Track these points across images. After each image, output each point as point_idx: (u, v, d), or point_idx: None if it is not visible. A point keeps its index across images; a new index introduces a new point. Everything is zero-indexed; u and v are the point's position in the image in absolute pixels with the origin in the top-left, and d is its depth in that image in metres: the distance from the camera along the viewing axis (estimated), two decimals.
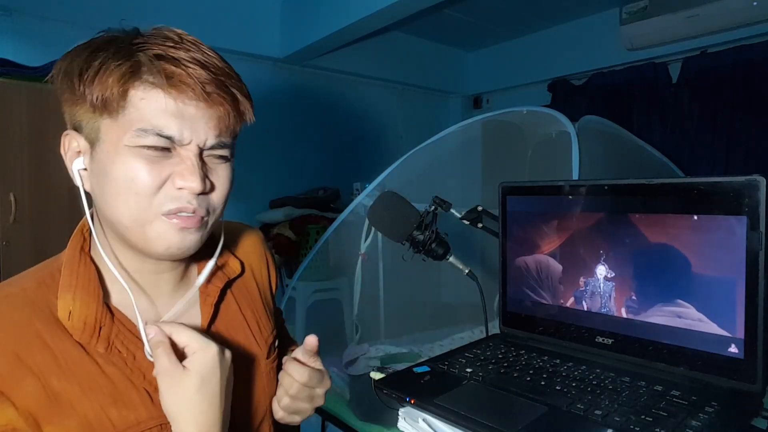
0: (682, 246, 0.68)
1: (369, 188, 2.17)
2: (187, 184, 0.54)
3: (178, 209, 0.55)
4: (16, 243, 2.02)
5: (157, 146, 0.53)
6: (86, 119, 0.55)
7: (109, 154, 0.54)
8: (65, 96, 0.55)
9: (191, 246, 0.58)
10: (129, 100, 0.52)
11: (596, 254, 0.78)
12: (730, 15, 2.81)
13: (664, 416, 0.58)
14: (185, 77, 0.53)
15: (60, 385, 0.53)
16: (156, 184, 0.54)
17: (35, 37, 2.44)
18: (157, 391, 0.56)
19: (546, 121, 1.85)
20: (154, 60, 0.52)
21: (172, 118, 0.53)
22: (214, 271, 0.67)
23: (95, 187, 0.56)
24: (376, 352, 1.67)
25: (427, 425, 0.66)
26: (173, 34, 0.55)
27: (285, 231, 2.96)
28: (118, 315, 0.59)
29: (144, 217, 0.54)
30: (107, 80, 0.51)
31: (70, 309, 0.55)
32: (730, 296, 0.64)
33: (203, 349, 0.54)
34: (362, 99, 3.93)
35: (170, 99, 0.53)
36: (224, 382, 0.55)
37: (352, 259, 2.09)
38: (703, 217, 0.66)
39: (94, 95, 0.52)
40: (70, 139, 0.57)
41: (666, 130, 3.26)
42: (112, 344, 0.57)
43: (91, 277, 0.58)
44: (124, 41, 0.54)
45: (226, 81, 0.56)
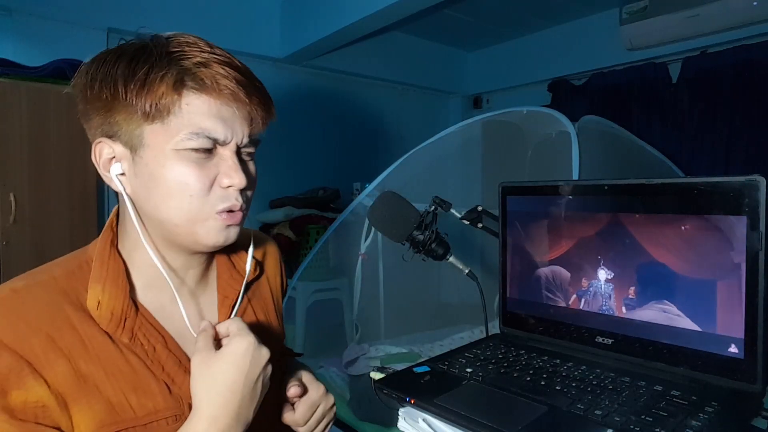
0: (682, 246, 0.68)
1: (369, 188, 2.17)
2: (233, 182, 0.59)
3: (229, 207, 0.60)
4: (16, 243, 2.02)
5: (204, 148, 0.57)
6: (126, 126, 0.56)
7: (157, 159, 0.57)
8: (98, 104, 0.57)
9: (233, 238, 0.62)
10: (177, 107, 0.56)
11: (596, 254, 0.78)
12: (730, 15, 2.81)
13: (664, 416, 0.58)
14: (224, 82, 0.57)
15: (87, 368, 0.56)
16: (207, 185, 0.58)
17: (35, 37, 2.44)
18: (175, 383, 0.60)
19: (546, 121, 1.85)
20: (196, 68, 0.56)
21: (217, 121, 0.57)
22: (231, 273, 0.71)
23: (139, 191, 0.59)
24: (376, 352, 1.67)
25: (427, 425, 0.66)
26: (201, 42, 0.59)
27: (285, 231, 2.96)
28: (142, 309, 0.61)
29: (197, 217, 0.59)
30: (158, 88, 0.54)
31: (99, 299, 0.58)
32: (730, 296, 0.64)
33: (239, 336, 0.56)
34: (362, 99, 3.93)
35: (213, 103, 0.57)
36: (253, 376, 0.56)
37: (352, 259, 2.10)
38: (703, 217, 0.66)
39: (145, 103, 0.54)
40: (103, 147, 0.59)
41: (666, 130, 3.26)
42: (135, 336, 0.59)
43: (120, 271, 0.61)
44: (158, 50, 0.56)
45: (254, 83, 0.61)
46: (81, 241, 0.65)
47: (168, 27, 0.63)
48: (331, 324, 2.50)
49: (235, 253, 0.72)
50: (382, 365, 1.34)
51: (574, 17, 3.63)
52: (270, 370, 0.58)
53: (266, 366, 0.57)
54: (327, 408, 0.73)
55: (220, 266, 0.71)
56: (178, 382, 0.60)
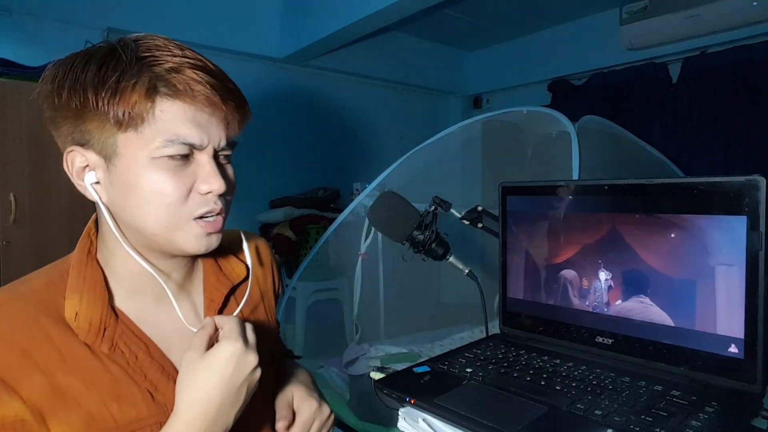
0: (682, 246, 0.68)
1: (369, 188, 2.17)
2: (212, 188, 0.58)
3: (208, 212, 0.59)
4: (16, 243, 2.02)
5: (180, 154, 0.56)
6: (99, 134, 0.55)
7: (132, 168, 0.55)
8: (67, 112, 0.55)
9: (215, 245, 0.62)
10: (151, 114, 0.54)
11: (596, 254, 0.78)
12: (730, 15, 2.81)
13: (664, 416, 0.58)
14: (197, 86, 0.55)
15: (65, 381, 0.55)
16: (184, 193, 0.57)
17: (35, 37, 2.44)
18: (158, 390, 0.59)
19: (546, 121, 1.85)
20: (169, 73, 0.55)
21: (192, 126, 0.56)
22: (218, 276, 0.69)
23: (116, 199, 0.58)
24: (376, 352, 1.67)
25: (427, 425, 0.66)
26: (172, 44, 0.57)
27: (285, 231, 2.96)
28: (123, 317, 0.60)
29: (175, 224, 0.58)
30: (130, 96, 0.53)
31: (77, 310, 0.57)
32: (730, 296, 0.64)
33: (227, 341, 0.55)
34: (362, 99, 3.93)
35: (188, 108, 0.56)
36: (236, 382, 0.55)
37: (352, 259, 2.10)
38: (703, 217, 0.66)
39: (118, 111, 0.53)
40: (75, 156, 0.57)
41: (666, 130, 3.26)
42: (116, 345, 0.58)
43: (98, 279, 0.60)
44: (128, 54, 0.54)
45: (228, 84, 0.59)
46: None
47: (167, 27, 0.63)
48: (331, 324, 2.50)
49: (222, 255, 0.71)
50: (382, 365, 1.34)
51: (574, 17, 3.63)
52: (258, 375, 0.57)
53: (253, 372, 0.56)
54: (323, 421, 0.72)
55: (206, 269, 0.70)
56: (161, 389, 0.59)
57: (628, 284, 0.74)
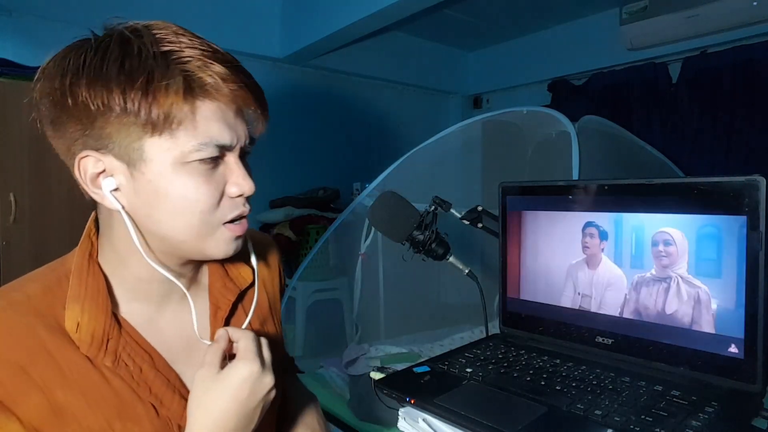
0: (682, 246, 0.68)
1: (369, 188, 2.17)
2: (243, 190, 0.56)
3: (238, 215, 0.57)
4: (16, 243, 2.02)
5: (213, 157, 0.53)
6: (121, 138, 0.50)
7: (163, 174, 0.51)
8: (80, 113, 0.50)
9: (239, 248, 0.60)
10: (188, 116, 0.51)
11: (596, 254, 0.78)
12: (730, 15, 2.81)
13: (664, 416, 0.58)
14: (227, 85, 0.52)
15: (65, 398, 0.52)
16: (217, 198, 0.54)
17: (35, 37, 2.44)
18: (163, 404, 0.56)
19: (546, 121, 1.85)
20: (200, 70, 0.51)
21: (224, 126, 0.53)
22: (224, 281, 0.66)
23: (141, 207, 0.54)
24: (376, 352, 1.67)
25: (427, 425, 0.66)
26: (187, 33, 0.54)
27: (285, 231, 2.96)
28: (126, 326, 0.57)
29: (206, 231, 0.55)
30: (165, 98, 0.49)
31: (78, 321, 0.54)
32: (730, 296, 0.64)
33: (244, 362, 0.53)
34: (362, 99, 3.93)
35: (218, 107, 0.52)
36: (251, 405, 0.53)
37: (352, 259, 2.10)
38: (703, 217, 0.66)
39: (151, 113, 0.49)
40: (88, 161, 0.52)
41: (666, 130, 3.26)
42: (119, 357, 0.55)
43: (100, 287, 0.56)
44: (148, 48, 0.50)
45: (252, 81, 0.56)
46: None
47: None
48: (331, 324, 2.50)
49: (229, 259, 0.65)
50: (382, 365, 1.34)
51: (574, 17, 3.63)
52: (273, 395, 0.55)
53: (268, 393, 0.54)
54: None
55: (212, 274, 0.66)
56: (166, 403, 0.57)
57: (627, 284, 0.74)
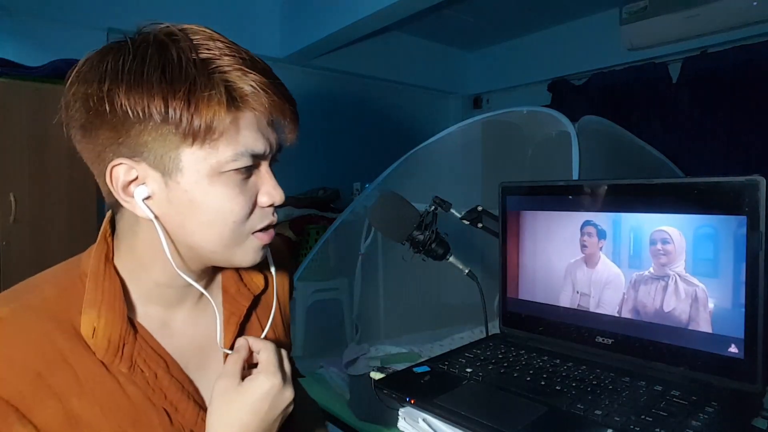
0: (682, 246, 0.68)
1: (369, 188, 2.17)
2: (274, 200, 0.56)
3: (268, 225, 0.57)
4: (16, 243, 2.02)
5: (248, 166, 0.53)
6: (157, 146, 0.50)
7: (199, 183, 0.51)
8: (115, 119, 0.49)
9: (265, 256, 0.60)
10: (229, 127, 0.50)
11: (596, 254, 0.78)
12: (730, 15, 2.81)
13: (664, 416, 0.58)
14: (262, 95, 0.52)
15: (81, 406, 0.52)
16: (249, 209, 0.55)
17: (35, 37, 2.44)
18: (177, 411, 0.56)
19: (546, 121, 1.85)
20: (240, 80, 0.51)
21: (259, 136, 0.53)
22: (238, 286, 0.66)
23: (173, 217, 0.53)
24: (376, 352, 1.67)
25: (427, 425, 0.66)
26: (222, 38, 0.53)
27: (285, 231, 2.96)
28: (141, 330, 0.57)
29: (237, 241, 0.55)
30: (208, 108, 0.49)
31: (95, 326, 0.53)
32: (730, 296, 0.64)
33: (266, 376, 0.53)
34: (362, 99, 3.93)
35: (254, 116, 0.52)
36: (270, 419, 0.53)
37: (352, 259, 2.09)
38: (703, 217, 0.66)
39: (193, 123, 0.48)
40: (120, 169, 0.51)
41: (666, 131, 3.26)
42: (135, 363, 0.55)
43: (116, 291, 0.56)
44: (187, 54, 0.50)
45: (286, 91, 0.56)
46: (81, 242, 0.61)
47: None
48: (331, 324, 2.50)
49: None
50: (382, 365, 1.34)
51: (574, 17, 3.63)
52: (291, 408, 0.55)
53: (287, 407, 0.55)
54: None
55: (226, 279, 0.66)
56: (180, 409, 0.57)
57: (627, 284, 0.74)
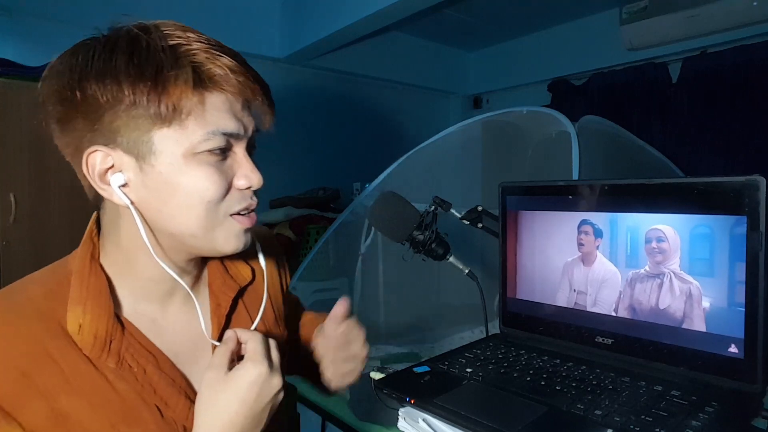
0: (682, 246, 0.68)
1: (369, 188, 2.17)
2: (251, 182, 0.57)
3: (245, 208, 0.57)
4: (16, 243, 2.02)
5: (221, 147, 0.53)
6: (129, 131, 0.51)
7: (173, 165, 0.52)
8: (88, 108, 0.50)
9: (249, 242, 0.60)
10: (197, 107, 0.51)
11: (596, 254, 0.78)
12: (730, 15, 2.81)
13: (664, 416, 0.58)
14: (236, 75, 0.53)
15: (69, 404, 0.52)
16: (225, 189, 0.55)
17: (35, 37, 2.44)
18: (168, 406, 0.56)
19: (546, 121, 1.85)
20: (209, 62, 0.52)
21: (231, 116, 0.54)
22: (224, 278, 0.66)
23: (150, 202, 0.54)
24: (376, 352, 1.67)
25: (427, 425, 0.66)
26: (195, 31, 0.55)
27: (285, 231, 2.96)
28: (129, 327, 0.57)
29: (213, 223, 0.55)
30: (175, 89, 0.50)
31: (80, 322, 0.53)
32: (730, 296, 0.64)
33: (252, 364, 0.53)
34: (362, 99, 3.93)
35: (226, 98, 0.54)
36: (258, 407, 0.53)
37: (352, 259, 2.09)
38: (703, 217, 0.66)
39: (160, 105, 0.49)
40: (96, 156, 0.52)
41: (666, 130, 3.26)
42: (123, 359, 0.55)
43: (102, 288, 0.56)
44: (157, 42, 0.51)
45: (258, 76, 0.57)
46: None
47: None
48: None
49: (228, 257, 0.66)
50: (382, 365, 1.34)
51: (574, 17, 3.63)
52: (281, 396, 0.55)
53: (276, 395, 0.54)
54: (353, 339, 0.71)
55: (211, 272, 0.66)
56: (171, 404, 0.56)
57: (627, 284, 0.74)
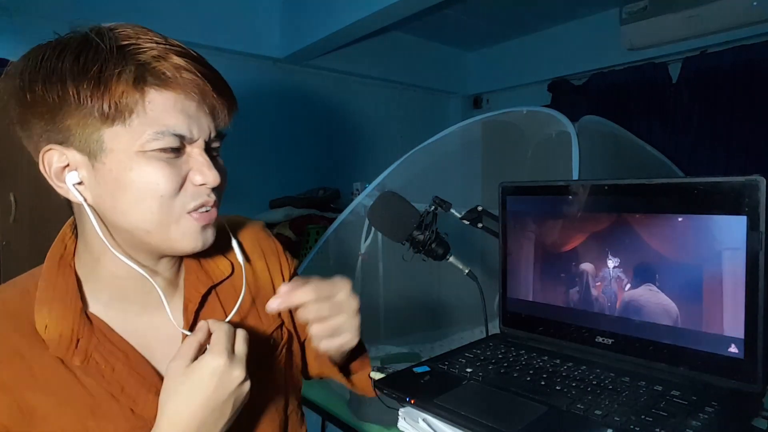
0: (682, 246, 0.68)
1: (369, 188, 2.17)
2: (206, 179, 0.56)
3: (201, 204, 0.57)
4: (16, 243, 2.02)
5: (172, 147, 0.53)
6: (80, 130, 0.51)
7: (122, 163, 0.52)
8: (41, 108, 0.51)
9: (211, 240, 0.59)
10: (140, 105, 0.51)
11: (596, 254, 0.78)
12: (730, 15, 2.81)
13: (664, 416, 0.58)
14: (185, 74, 0.53)
15: (35, 399, 0.53)
16: (178, 184, 0.54)
17: (35, 37, 2.43)
18: (137, 403, 0.56)
19: (546, 121, 1.85)
20: (156, 60, 0.52)
21: (182, 116, 0.53)
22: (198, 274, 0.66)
23: (104, 199, 0.54)
24: (376, 352, 1.67)
25: (427, 425, 0.66)
26: (151, 32, 0.55)
27: (285, 231, 2.96)
28: (101, 325, 0.58)
29: (168, 219, 0.55)
30: (116, 87, 0.50)
31: (46, 322, 0.54)
32: (730, 296, 0.64)
33: (212, 355, 0.52)
34: (362, 99, 3.93)
35: (176, 98, 0.53)
36: (219, 398, 0.52)
37: (352, 259, 2.10)
38: (703, 217, 0.66)
39: (103, 104, 0.50)
40: (52, 155, 0.54)
41: (666, 130, 3.26)
42: (90, 356, 0.55)
43: (69, 287, 0.57)
44: (107, 43, 0.51)
45: (215, 73, 0.57)
46: None
47: (167, 27, 0.62)
48: None
49: (206, 252, 0.64)
50: (382, 365, 1.34)
51: (574, 17, 3.63)
52: (246, 388, 0.55)
53: (239, 386, 0.53)
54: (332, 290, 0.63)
55: (187, 269, 0.66)
56: (140, 401, 0.57)
57: (627, 284, 0.74)
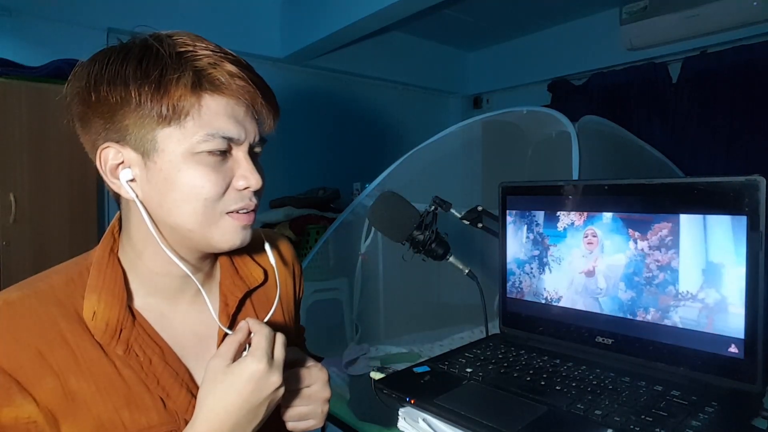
0: (682, 246, 0.68)
1: (369, 188, 2.17)
2: (250, 183, 0.59)
3: (242, 207, 0.59)
4: (16, 243, 2.02)
5: (220, 149, 0.56)
6: (137, 130, 0.55)
7: (173, 163, 0.55)
8: (103, 108, 0.54)
9: (248, 239, 0.62)
10: (195, 109, 0.54)
11: (596, 254, 0.78)
12: (730, 15, 2.81)
13: (664, 416, 0.58)
14: (237, 81, 0.56)
15: (78, 385, 0.55)
16: (222, 189, 0.57)
17: (35, 37, 2.44)
18: (170, 397, 0.58)
19: (546, 121, 1.85)
20: (212, 67, 0.55)
21: (231, 121, 0.56)
22: (234, 279, 0.68)
23: (153, 196, 0.57)
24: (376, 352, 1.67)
25: (427, 425, 0.66)
26: (205, 40, 0.58)
27: (285, 231, 2.95)
28: (140, 318, 0.60)
29: (210, 220, 0.58)
30: (175, 91, 0.53)
31: (95, 310, 0.57)
32: (730, 296, 0.64)
33: (252, 359, 0.54)
34: (362, 99, 3.93)
35: (228, 103, 0.56)
36: (255, 402, 0.54)
37: (352, 259, 2.10)
38: (703, 216, 0.66)
39: (161, 106, 0.53)
40: (109, 152, 0.56)
41: (666, 130, 3.26)
42: (131, 347, 0.58)
43: (117, 279, 0.59)
44: (166, 50, 0.55)
45: (262, 82, 0.60)
46: (81, 241, 0.64)
47: (168, 27, 0.62)
48: (331, 324, 2.50)
49: (239, 256, 0.70)
50: (382, 365, 1.34)
51: (574, 17, 3.63)
52: (281, 393, 0.57)
53: (275, 392, 0.56)
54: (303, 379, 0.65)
55: (223, 271, 0.69)
56: (173, 396, 0.59)
57: (627, 284, 0.74)
